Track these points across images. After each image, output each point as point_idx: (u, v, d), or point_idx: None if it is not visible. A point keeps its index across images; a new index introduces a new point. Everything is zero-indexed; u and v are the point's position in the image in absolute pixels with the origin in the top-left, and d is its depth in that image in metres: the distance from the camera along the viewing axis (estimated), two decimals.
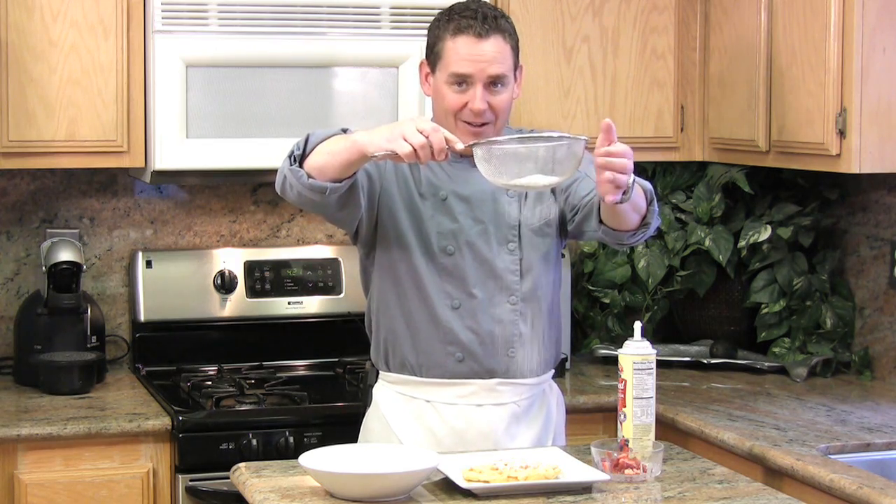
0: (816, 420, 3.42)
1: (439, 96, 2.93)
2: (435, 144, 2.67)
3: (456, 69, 2.88)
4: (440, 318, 2.96)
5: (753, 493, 2.68)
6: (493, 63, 2.87)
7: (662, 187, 4.24)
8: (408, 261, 2.96)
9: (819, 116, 3.51)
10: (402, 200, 2.97)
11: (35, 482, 3.35)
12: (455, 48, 2.88)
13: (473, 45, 2.87)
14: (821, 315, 4.04)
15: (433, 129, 2.68)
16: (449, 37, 2.89)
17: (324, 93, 3.75)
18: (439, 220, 2.96)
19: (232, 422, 3.48)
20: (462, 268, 2.95)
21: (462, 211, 2.96)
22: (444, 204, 2.96)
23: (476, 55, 2.87)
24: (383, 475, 2.57)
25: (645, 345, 2.86)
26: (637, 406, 2.83)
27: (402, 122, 2.75)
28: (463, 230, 2.95)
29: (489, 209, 2.97)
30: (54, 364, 3.68)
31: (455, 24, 2.89)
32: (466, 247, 2.95)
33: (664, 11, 4.04)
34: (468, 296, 2.96)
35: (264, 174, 3.92)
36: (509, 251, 2.97)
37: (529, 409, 3.04)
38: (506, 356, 2.98)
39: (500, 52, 2.89)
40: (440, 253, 2.95)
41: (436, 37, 2.93)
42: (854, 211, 4.08)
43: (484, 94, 2.88)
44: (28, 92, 3.58)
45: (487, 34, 2.87)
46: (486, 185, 2.90)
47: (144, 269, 3.98)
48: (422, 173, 2.97)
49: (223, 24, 3.66)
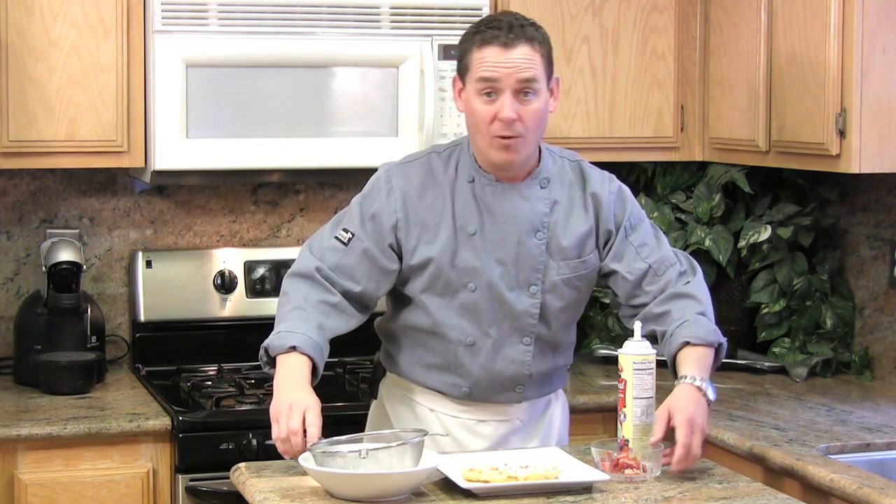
0: (816, 420, 3.42)
1: (470, 110, 2.84)
2: (285, 451, 2.70)
3: (483, 74, 2.79)
4: (453, 353, 2.93)
5: (753, 493, 2.67)
6: (522, 68, 2.78)
7: (662, 187, 4.24)
8: (429, 291, 2.91)
9: (819, 116, 3.51)
10: (430, 235, 2.90)
11: (35, 482, 3.35)
12: (482, 57, 2.80)
13: (500, 52, 2.78)
14: (821, 315, 4.04)
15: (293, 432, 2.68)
16: (476, 48, 2.81)
17: (324, 93, 3.75)
18: (464, 256, 2.89)
19: (232, 422, 3.48)
20: (480, 306, 2.90)
21: (487, 250, 2.89)
22: (471, 239, 2.89)
23: (503, 61, 2.78)
24: (383, 475, 2.57)
25: (645, 345, 2.86)
26: (637, 406, 2.83)
27: (286, 404, 2.72)
28: (486, 269, 2.89)
29: (513, 251, 2.89)
30: (54, 364, 3.68)
31: (481, 35, 2.81)
32: (487, 286, 2.89)
33: (664, 11, 4.04)
34: (484, 334, 2.92)
35: (264, 174, 3.92)
36: (530, 294, 2.92)
37: (531, 421, 3.03)
38: (513, 391, 2.97)
39: (529, 58, 2.79)
40: (461, 289, 2.90)
41: (464, 50, 2.85)
42: (854, 211, 4.08)
43: (513, 102, 2.78)
44: (28, 92, 3.58)
45: (514, 43, 2.78)
46: (516, 225, 2.88)
47: (144, 269, 3.98)
48: (455, 203, 2.90)
49: (223, 24, 3.66)
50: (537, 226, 2.90)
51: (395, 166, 2.95)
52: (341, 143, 3.75)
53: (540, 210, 2.90)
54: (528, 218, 2.89)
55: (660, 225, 4.14)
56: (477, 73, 2.80)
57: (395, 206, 2.89)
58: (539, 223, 2.90)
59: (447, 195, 2.90)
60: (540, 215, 2.90)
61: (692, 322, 2.87)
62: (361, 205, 2.92)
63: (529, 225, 2.90)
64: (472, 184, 2.90)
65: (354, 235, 2.90)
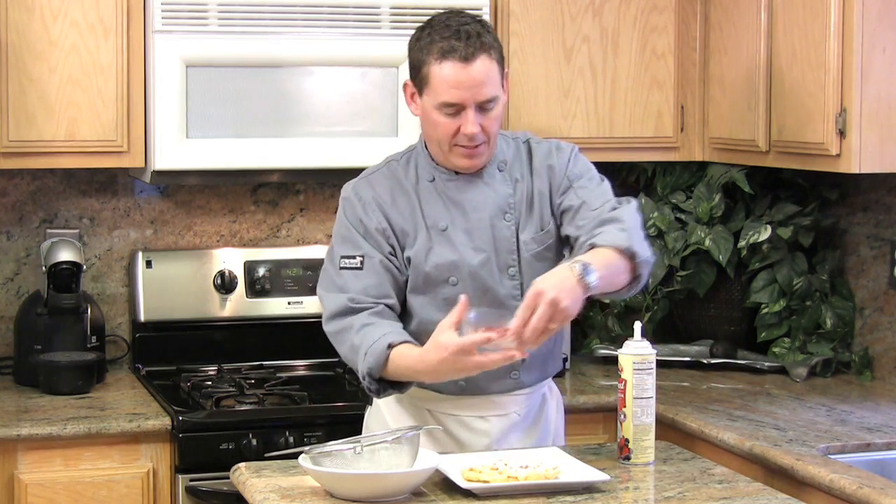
0: (816, 420, 3.42)
1: (430, 122, 2.86)
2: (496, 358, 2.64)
3: (446, 98, 2.80)
4: None
5: (753, 493, 2.67)
6: (483, 87, 2.79)
7: (662, 187, 4.24)
8: (413, 291, 2.92)
9: (819, 116, 3.51)
10: (410, 238, 2.91)
11: (35, 482, 3.35)
12: (442, 75, 2.79)
13: (460, 70, 2.78)
14: (821, 315, 4.04)
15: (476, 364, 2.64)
16: (434, 61, 2.80)
17: (324, 93, 3.75)
18: (440, 252, 2.90)
19: (232, 422, 3.48)
20: None
21: (463, 241, 2.90)
22: (444, 235, 2.91)
23: (464, 81, 2.78)
24: (383, 475, 2.57)
25: (645, 345, 2.86)
26: (637, 406, 2.83)
27: (462, 361, 2.64)
28: (465, 260, 2.90)
29: (488, 237, 2.91)
30: (54, 364, 3.68)
31: (438, 47, 2.80)
32: (469, 277, 2.90)
33: (664, 11, 4.04)
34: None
35: (264, 174, 3.92)
36: (510, 276, 2.93)
37: (528, 415, 3.03)
38: (508, 378, 2.97)
39: (488, 73, 2.80)
40: (443, 284, 2.90)
41: (419, 60, 2.85)
42: (854, 211, 4.08)
43: (475, 116, 2.81)
44: (28, 92, 3.58)
45: (473, 56, 2.78)
46: (485, 212, 2.90)
47: (144, 269, 3.98)
48: (423, 204, 2.91)
49: (223, 24, 3.66)
50: (505, 208, 2.92)
51: (357, 182, 2.96)
52: (341, 143, 3.75)
53: (504, 192, 2.93)
54: (495, 202, 2.92)
55: (660, 225, 4.15)
56: (439, 95, 2.81)
57: (377, 215, 2.91)
58: (506, 205, 2.92)
59: (413, 198, 2.92)
60: (505, 197, 2.92)
61: (605, 232, 2.78)
62: (350, 227, 2.91)
63: (497, 209, 2.92)
64: (433, 182, 2.92)
65: (365, 255, 2.89)
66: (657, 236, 4.15)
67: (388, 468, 2.58)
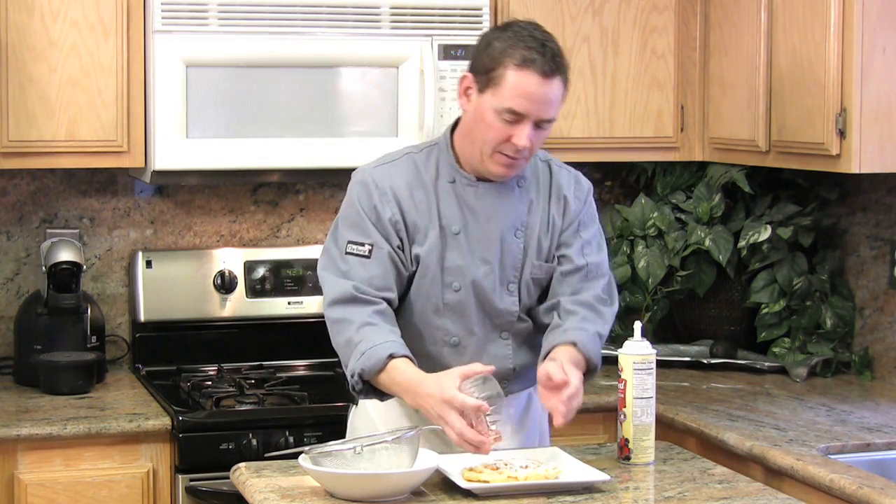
0: (816, 420, 3.42)
1: (482, 122, 2.81)
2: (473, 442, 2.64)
3: (513, 106, 2.76)
4: (437, 354, 2.91)
5: (753, 493, 2.67)
6: (550, 106, 2.78)
7: (662, 187, 4.24)
8: (414, 292, 2.90)
9: (819, 116, 3.51)
10: (421, 235, 2.89)
11: (35, 482, 3.35)
12: (517, 82, 2.76)
13: (538, 84, 2.76)
14: (821, 315, 4.04)
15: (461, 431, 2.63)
16: (513, 66, 2.76)
17: (324, 93, 3.75)
18: (450, 256, 2.89)
19: (232, 422, 3.48)
20: (464, 305, 2.90)
21: (472, 249, 2.89)
22: (455, 239, 2.89)
23: (537, 95, 2.76)
24: (383, 475, 2.57)
25: (645, 345, 2.86)
26: (637, 406, 2.83)
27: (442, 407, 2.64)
28: (470, 269, 2.89)
29: (497, 250, 2.90)
30: (54, 364, 3.68)
31: (521, 54, 2.77)
32: (472, 286, 2.89)
33: (664, 11, 4.04)
34: (468, 333, 2.92)
35: (264, 174, 3.92)
36: (509, 292, 2.92)
37: (515, 415, 3.02)
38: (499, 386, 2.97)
39: (559, 94, 2.79)
40: (445, 289, 2.90)
41: (494, 60, 2.79)
42: (854, 211, 4.08)
43: (531, 132, 2.78)
44: (28, 92, 3.58)
45: (553, 74, 2.77)
46: (498, 223, 2.89)
47: (144, 269, 3.98)
48: (440, 203, 2.90)
49: (223, 24, 3.66)
50: (517, 224, 2.91)
51: (375, 168, 2.93)
52: (341, 143, 3.75)
53: (519, 209, 2.92)
54: (509, 216, 2.91)
55: (660, 225, 4.15)
56: (506, 101, 2.77)
57: (392, 206, 2.88)
58: (519, 222, 2.92)
59: (432, 195, 2.90)
60: (520, 214, 2.92)
61: (591, 335, 2.86)
62: (361, 213, 2.89)
63: (510, 223, 2.91)
64: (452, 184, 2.90)
65: (374, 244, 2.87)
66: (657, 236, 4.15)
67: (388, 468, 2.58)
